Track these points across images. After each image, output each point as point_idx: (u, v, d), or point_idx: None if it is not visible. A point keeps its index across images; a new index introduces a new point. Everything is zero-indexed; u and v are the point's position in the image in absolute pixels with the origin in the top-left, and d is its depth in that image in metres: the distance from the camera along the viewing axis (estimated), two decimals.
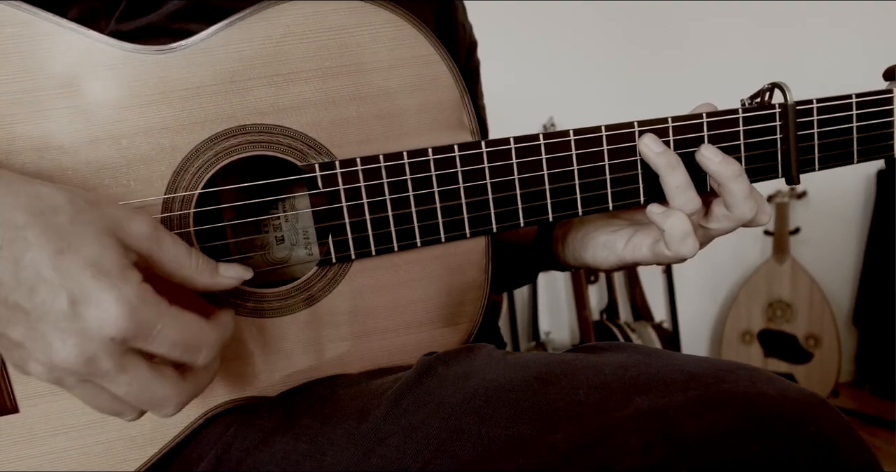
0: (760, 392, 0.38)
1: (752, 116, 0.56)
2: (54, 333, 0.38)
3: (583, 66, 2.11)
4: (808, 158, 0.58)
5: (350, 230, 0.53)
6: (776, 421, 0.36)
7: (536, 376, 0.44)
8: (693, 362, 0.43)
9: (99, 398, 0.42)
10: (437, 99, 0.53)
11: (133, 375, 0.40)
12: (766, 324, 2.26)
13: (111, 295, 0.38)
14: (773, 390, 0.39)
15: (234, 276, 0.46)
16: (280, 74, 0.51)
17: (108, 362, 0.39)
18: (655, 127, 0.55)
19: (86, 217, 0.40)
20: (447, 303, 0.56)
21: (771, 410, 0.37)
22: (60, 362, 0.38)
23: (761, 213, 0.56)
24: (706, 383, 0.39)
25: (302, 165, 0.52)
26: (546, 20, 2.06)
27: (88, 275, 0.38)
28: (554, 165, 0.54)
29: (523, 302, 2.16)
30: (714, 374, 0.40)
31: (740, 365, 0.43)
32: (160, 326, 0.39)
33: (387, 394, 0.48)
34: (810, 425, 0.36)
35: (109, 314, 0.38)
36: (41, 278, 0.38)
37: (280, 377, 0.54)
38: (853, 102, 0.58)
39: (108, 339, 0.38)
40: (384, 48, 0.52)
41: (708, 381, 0.39)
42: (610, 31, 2.12)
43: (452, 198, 0.53)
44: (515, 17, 2.03)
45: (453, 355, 0.50)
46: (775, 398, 0.38)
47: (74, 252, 0.38)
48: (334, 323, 0.54)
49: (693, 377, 0.40)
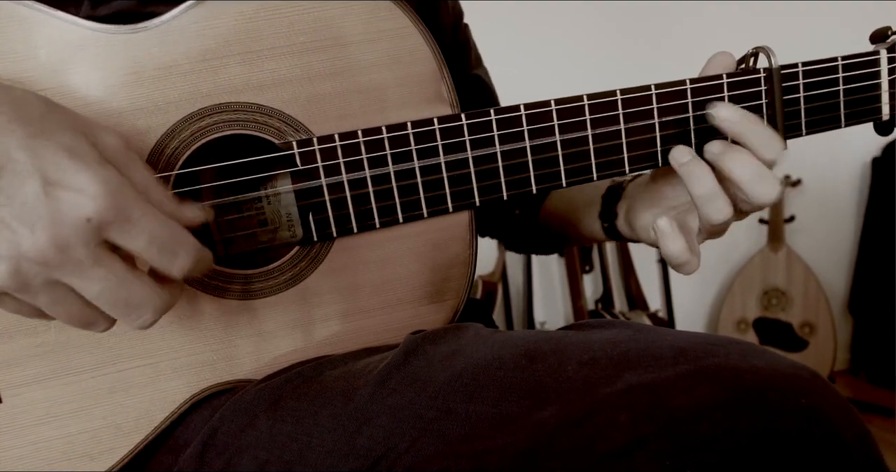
0: (751, 366, 0.37)
1: (736, 81, 0.55)
2: (23, 218, 0.34)
3: (577, 59, 2.09)
4: (795, 123, 0.56)
5: (330, 208, 0.51)
6: (767, 394, 0.35)
7: (524, 353, 0.42)
8: (683, 338, 0.41)
9: (68, 304, 0.38)
10: (415, 72, 0.52)
11: (109, 269, 0.36)
12: (762, 312, 2.24)
13: (88, 174, 0.35)
14: (764, 363, 0.37)
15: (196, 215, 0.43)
16: (254, 51, 0.49)
17: (82, 249, 0.35)
18: (638, 94, 0.53)
19: (58, 115, 0.37)
20: (432, 279, 0.54)
21: (761, 383, 0.35)
22: (28, 250, 0.34)
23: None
24: (696, 357, 0.38)
25: (279, 143, 0.50)
26: (540, 13, 2.05)
27: (64, 156, 0.35)
28: (536, 135, 0.52)
29: (518, 291, 2.14)
30: (704, 348, 0.39)
31: (732, 340, 0.41)
32: (138, 213, 0.36)
33: (373, 374, 0.46)
34: (801, 397, 0.35)
35: (86, 194, 0.34)
36: (10, 159, 0.34)
37: (266, 359, 0.52)
38: (839, 65, 0.56)
39: (83, 221, 0.34)
40: (359, 21, 0.51)
41: (698, 355, 0.38)
42: (605, 24, 2.11)
43: (433, 172, 0.52)
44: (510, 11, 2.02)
45: (440, 334, 0.49)
46: (766, 371, 0.36)
47: (48, 137, 0.35)
48: (318, 303, 0.52)
49: (683, 352, 0.39)
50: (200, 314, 0.50)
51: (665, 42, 2.14)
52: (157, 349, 0.50)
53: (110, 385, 0.49)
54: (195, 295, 0.50)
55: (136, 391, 0.50)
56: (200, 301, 0.50)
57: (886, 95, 0.58)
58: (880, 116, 0.58)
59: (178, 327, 0.50)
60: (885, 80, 0.57)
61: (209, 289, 0.50)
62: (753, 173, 0.51)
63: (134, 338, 0.50)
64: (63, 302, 0.38)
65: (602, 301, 2.17)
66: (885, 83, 0.57)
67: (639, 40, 2.15)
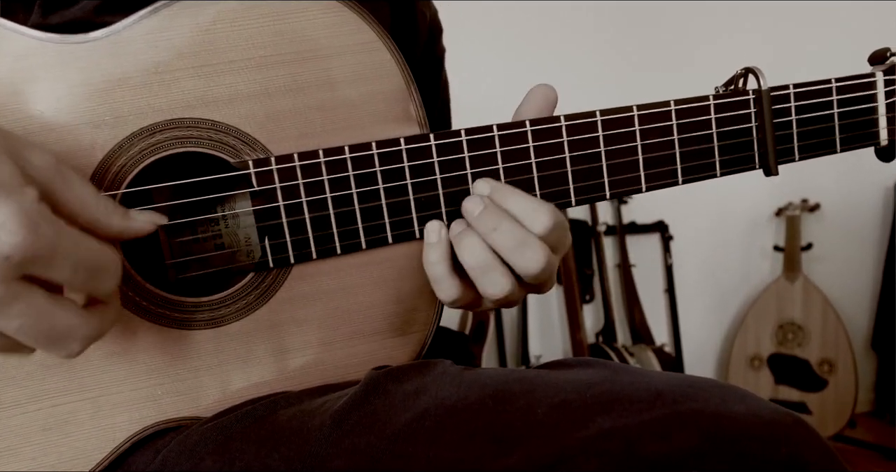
0: (730, 411, 0.37)
1: (724, 103, 0.56)
2: None
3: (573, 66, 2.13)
4: (787, 148, 0.58)
5: (288, 232, 0.52)
6: (745, 442, 0.35)
7: (493, 394, 0.43)
8: (663, 379, 0.42)
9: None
10: (382, 89, 0.53)
11: (28, 303, 0.37)
12: (777, 348, 2.25)
13: (6, 207, 0.35)
14: (745, 408, 0.38)
15: (147, 219, 0.44)
16: (209, 65, 0.51)
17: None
18: (618, 116, 0.55)
19: None
20: (397, 310, 0.55)
21: (740, 430, 0.36)
22: None
23: None
24: (674, 400, 0.39)
25: (235, 163, 0.51)
26: (534, 18, 2.08)
27: None
28: (510, 158, 0.54)
29: (512, 323, 2.15)
30: (683, 391, 0.40)
31: (714, 383, 0.42)
32: (61, 244, 0.37)
33: (329, 413, 0.47)
34: (782, 446, 0.36)
35: (4, 229, 0.35)
36: None
37: (215, 396, 0.53)
38: (833, 88, 0.58)
39: (1, 259, 0.35)
40: (323, 35, 0.52)
41: (676, 399, 0.39)
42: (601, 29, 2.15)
43: (399, 195, 0.53)
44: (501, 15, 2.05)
45: (405, 371, 0.49)
46: (746, 418, 0.37)
47: None
48: (272, 335, 0.53)
49: (660, 395, 0.39)
50: (144, 345, 0.51)
51: (661, 47, 2.18)
52: (96, 383, 0.51)
53: (43, 422, 0.50)
54: (139, 324, 0.51)
55: (72, 429, 0.50)
56: (145, 330, 0.51)
57: (884, 119, 0.59)
58: (878, 141, 0.60)
59: (120, 358, 0.51)
60: (881, 103, 0.59)
61: (155, 317, 0.51)
62: (513, 241, 0.51)
63: (72, 370, 0.50)
64: None
65: (603, 334, 2.18)
66: (881, 107, 0.59)
67: (635, 44, 2.18)
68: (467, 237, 0.52)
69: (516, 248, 0.50)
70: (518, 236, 0.50)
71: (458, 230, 0.52)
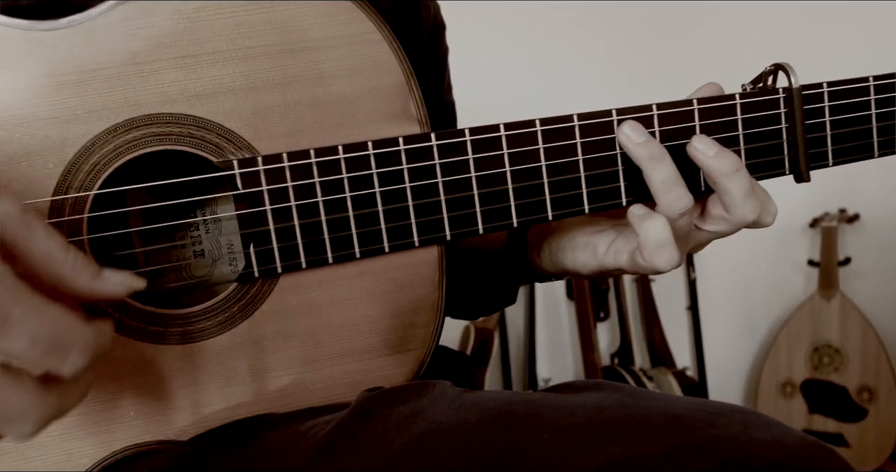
0: (752, 439, 0.38)
1: (751, 103, 0.57)
2: None
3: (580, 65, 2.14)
4: (820, 152, 0.59)
5: (275, 238, 0.53)
6: (768, 471, 0.36)
7: (495, 418, 0.44)
8: (680, 404, 0.43)
9: None
10: (379, 84, 0.54)
11: None
12: (811, 373, 2.24)
13: None
14: (768, 436, 0.39)
15: (121, 282, 0.44)
16: (192, 55, 0.52)
17: None
18: (637, 115, 0.55)
19: None
20: (393, 326, 0.56)
21: (763, 458, 0.37)
22: None
23: (765, 213, 0.56)
24: (692, 427, 0.39)
25: (218, 162, 0.52)
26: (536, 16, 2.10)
27: None
28: (518, 160, 0.54)
29: (518, 342, 2.15)
30: (702, 417, 0.40)
31: (735, 408, 0.43)
32: (18, 312, 0.36)
33: (318, 438, 0.47)
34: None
35: None
36: None
37: (192, 417, 0.53)
38: (870, 86, 0.59)
39: None
40: (315, 25, 0.53)
41: (694, 425, 0.40)
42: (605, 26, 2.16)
43: (397, 200, 0.54)
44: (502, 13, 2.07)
45: (400, 393, 0.50)
46: (768, 446, 0.38)
47: None
48: (256, 352, 0.54)
49: (677, 420, 0.40)
50: (114, 360, 0.51)
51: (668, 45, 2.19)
52: None
53: (0, 445, 0.50)
54: None
55: (33, 453, 0.51)
56: (116, 345, 0.51)
57: None
58: None
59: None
60: None
61: (126, 330, 0.52)
62: (745, 186, 0.55)
63: None
64: None
65: (619, 355, 2.18)
66: None
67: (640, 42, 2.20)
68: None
69: None
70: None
71: None
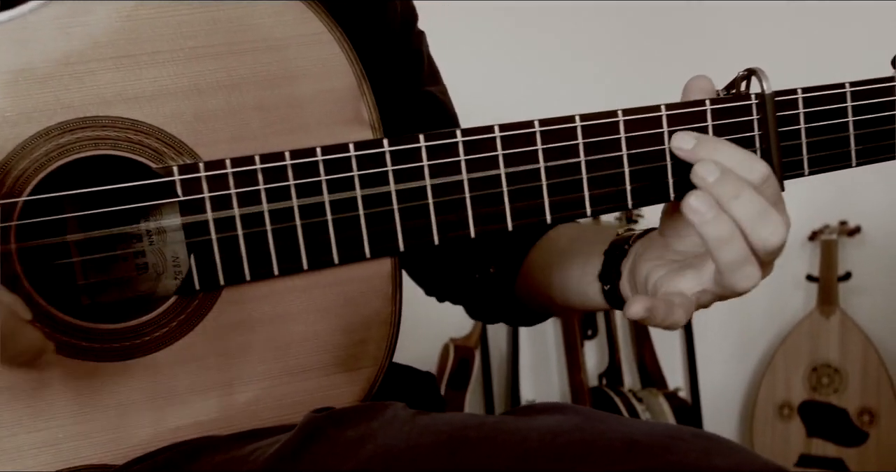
0: (712, 465, 0.39)
1: (722, 109, 0.58)
2: None
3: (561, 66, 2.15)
4: (795, 160, 0.59)
5: (218, 249, 0.53)
6: None
7: (447, 442, 0.44)
8: (640, 428, 0.44)
9: None
10: (329, 87, 0.54)
11: None
12: (810, 394, 2.25)
13: None
14: (729, 462, 0.40)
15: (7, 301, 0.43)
16: (130, 56, 0.52)
17: None
18: (602, 121, 0.56)
19: None
20: (344, 342, 0.56)
21: None
22: None
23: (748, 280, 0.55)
24: (650, 452, 0.40)
25: (157, 168, 0.52)
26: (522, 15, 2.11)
27: None
28: (476, 167, 0.55)
29: (501, 362, 2.15)
30: (662, 443, 0.41)
31: (697, 433, 0.44)
32: None
33: (259, 462, 0.48)
34: None
35: None
36: None
37: (128, 440, 0.53)
38: (847, 93, 0.60)
39: None
40: (262, 25, 0.53)
41: (653, 451, 0.40)
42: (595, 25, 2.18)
43: (348, 209, 0.54)
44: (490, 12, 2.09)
45: (349, 415, 0.50)
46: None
47: None
48: (196, 370, 0.53)
49: (635, 445, 0.41)
50: (42, 379, 0.51)
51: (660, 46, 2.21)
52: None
53: None
54: None
55: None
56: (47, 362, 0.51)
57: None
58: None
59: (15, 394, 0.51)
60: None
61: (59, 347, 0.51)
62: (754, 210, 0.52)
63: None
64: None
65: (608, 376, 2.19)
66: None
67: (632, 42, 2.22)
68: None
69: (759, 216, 0.51)
70: (759, 202, 0.52)
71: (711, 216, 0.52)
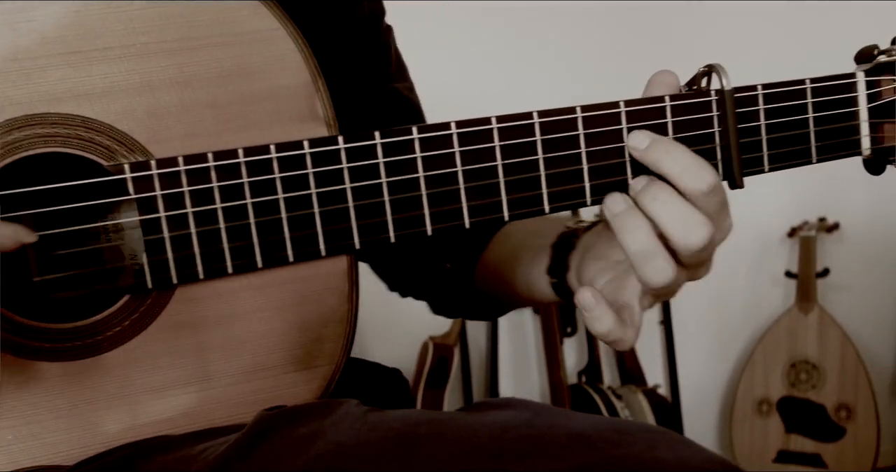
0: (657, 459, 0.40)
1: (682, 105, 0.57)
2: None
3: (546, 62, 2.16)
4: (755, 157, 0.59)
5: (171, 247, 0.52)
6: None
7: (397, 439, 0.45)
8: (588, 423, 0.45)
9: None
10: (284, 84, 0.54)
11: None
12: (788, 390, 2.27)
13: None
14: (673, 456, 0.40)
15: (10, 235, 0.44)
16: (80, 52, 0.51)
17: None
18: (560, 118, 0.56)
19: None
20: (300, 340, 0.55)
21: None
22: None
23: None
24: (595, 447, 0.41)
25: (108, 166, 0.51)
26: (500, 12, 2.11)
27: None
28: (432, 165, 0.54)
29: (480, 359, 2.16)
30: (609, 437, 0.42)
31: (645, 427, 0.44)
32: None
33: (209, 461, 0.48)
34: None
35: None
36: None
37: (81, 440, 0.53)
38: (807, 89, 0.60)
39: None
40: (215, 21, 0.53)
41: (599, 445, 0.41)
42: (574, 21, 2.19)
43: (303, 206, 0.53)
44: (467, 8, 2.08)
45: (302, 412, 0.50)
46: (672, 467, 0.39)
47: None
48: (150, 368, 0.53)
49: (581, 440, 0.42)
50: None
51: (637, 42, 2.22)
52: None
53: None
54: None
55: None
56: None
57: (866, 125, 0.61)
58: (860, 150, 0.62)
59: None
60: (863, 108, 0.61)
61: (8, 347, 0.51)
62: (675, 213, 0.52)
63: None
64: None
65: (587, 373, 2.19)
66: (863, 112, 0.61)
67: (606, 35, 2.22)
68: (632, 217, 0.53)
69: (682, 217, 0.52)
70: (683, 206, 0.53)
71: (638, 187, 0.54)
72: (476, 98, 1.94)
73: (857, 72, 0.61)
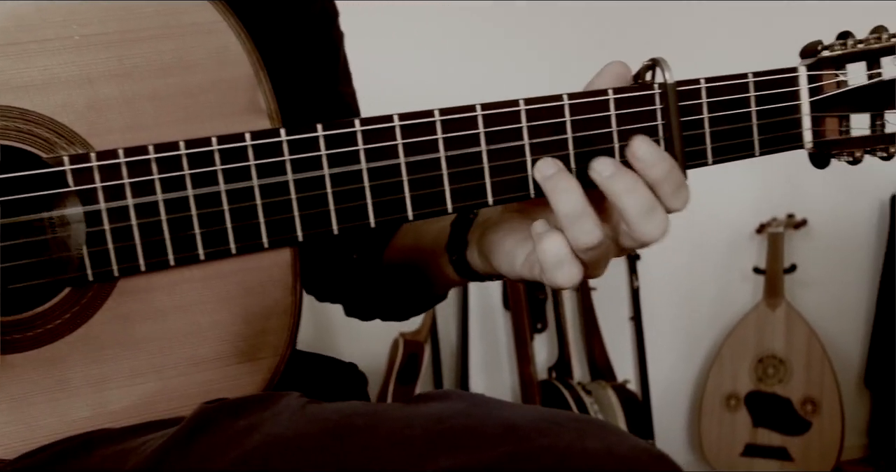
0: (584, 448, 0.40)
1: (625, 98, 0.58)
2: None
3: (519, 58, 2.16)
4: (698, 150, 0.60)
5: (111, 239, 0.52)
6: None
7: (332, 430, 0.45)
8: (520, 413, 0.45)
9: None
10: (225, 76, 0.54)
11: None
12: (756, 385, 2.29)
13: None
14: (600, 445, 0.41)
15: None
16: (18, 43, 0.51)
17: None
18: (503, 111, 0.56)
19: None
20: (244, 333, 0.55)
21: (588, 468, 0.39)
22: None
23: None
24: (525, 437, 0.41)
25: (47, 158, 0.51)
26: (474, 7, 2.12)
27: None
28: (375, 157, 0.55)
29: (451, 355, 2.16)
30: (539, 427, 0.42)
31: (576, 417, 0.45)
32: None
33: (146, 454, 0.48)
34: None
35: None
36: None
37: (21, 433, 0.52)
38: (750, 83, 0.60)
39: None
40: (155, 13, 0.53)
41: (528, 435, 0.41)
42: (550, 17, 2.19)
43: (245, 198, 0.53)
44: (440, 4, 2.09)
45: (242, 405, 0.51)
46: (599, 454, 0.40)
47: None
48: (91, 361, 0.53)
49: (512, 430, 0.42)
50: None
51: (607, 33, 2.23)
52: None
53: None
54: None
55: None
56: None
57: (808, 119, 0.62)
58: (802, 143, 0.62)
59: None
60: (805, 101, 0.62)
61: None
62: (642, 205, 0.54)
63: None
64: None
65: (557, 369, 2.20)
66: (805, 105, 0.62)
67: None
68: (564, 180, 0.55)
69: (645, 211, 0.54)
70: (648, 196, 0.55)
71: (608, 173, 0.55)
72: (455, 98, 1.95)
73: (799, 66, 0.62)
